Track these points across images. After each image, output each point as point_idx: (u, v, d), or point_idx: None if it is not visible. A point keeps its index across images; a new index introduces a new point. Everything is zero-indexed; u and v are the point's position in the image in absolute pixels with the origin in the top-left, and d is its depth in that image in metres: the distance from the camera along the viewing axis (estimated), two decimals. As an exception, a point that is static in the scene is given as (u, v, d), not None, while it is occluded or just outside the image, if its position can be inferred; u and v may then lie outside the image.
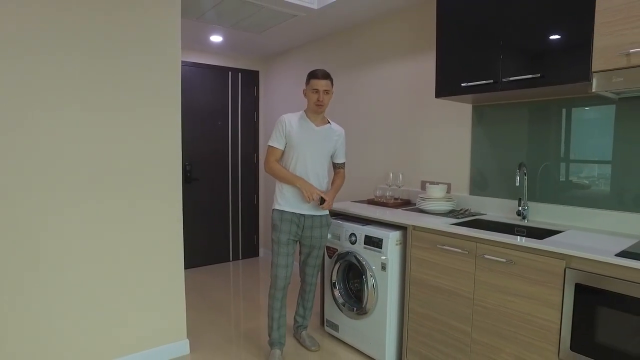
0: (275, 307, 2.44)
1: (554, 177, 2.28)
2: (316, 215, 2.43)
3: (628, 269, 1.50)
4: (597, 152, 2.10)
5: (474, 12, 2.19)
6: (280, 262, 2.37)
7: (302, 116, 2.43)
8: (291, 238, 2.39)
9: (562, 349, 1.70)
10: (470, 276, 2.01)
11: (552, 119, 2.26)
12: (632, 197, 1.99)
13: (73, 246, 2.15)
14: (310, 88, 2.36)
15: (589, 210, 2.13)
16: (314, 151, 2.38)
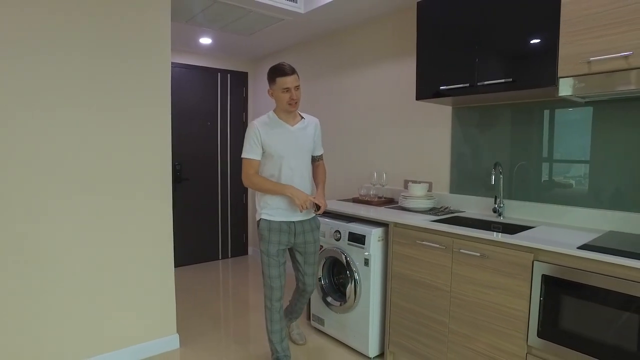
0: (274, 319, 2.29)
1: (528, 176, 2.40)
2: (305, 220, 2.33)
3: (588, 261, 1.62)
4: (569, 152, 2.22)
5: (452, 19, 2.30)
6: (273, 274, 2.24)
7: (272, 118, 2.25)
8: (281, 248, 2.25)
9: (530, 336, 1.81)
10: (447, 270, 2.12)
11: (527, 121, 2.38)
12: (600, 195, 2.12)
13: (66, 244, 2.22)
14: (280, 87, 2.14)
15: (561, 208, 2.25)
16: (296, 154, 2.24)
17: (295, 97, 2.16)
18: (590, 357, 1.62)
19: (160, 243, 2.55)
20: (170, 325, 2.63)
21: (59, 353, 2.23)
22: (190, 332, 2.89)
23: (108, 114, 2.32)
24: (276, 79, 2.14)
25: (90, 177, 2.28)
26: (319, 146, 2.44)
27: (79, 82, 2.21)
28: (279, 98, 2.18)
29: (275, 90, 2.17)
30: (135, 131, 2.41)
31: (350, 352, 2.60)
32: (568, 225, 2.20)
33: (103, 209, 2.33)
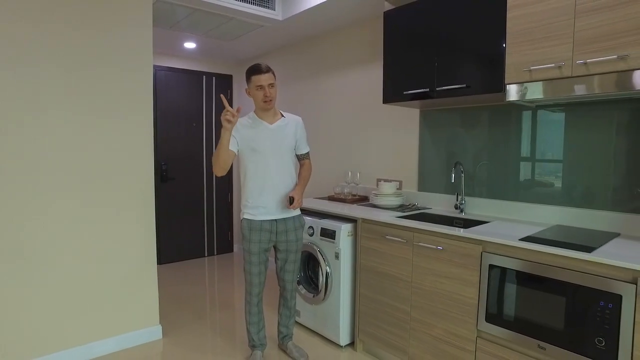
0: (252, 312, 2.39)
1: (489, 175, 2.57)
2: (289, 218, 2.36)
3: (526, 251, 1.79)
4: (524, 152, 2.40)
5: (414, 29, 2.47)
6: (253, 271, 2.32)
7: (253, 118, 2.31)
8: (263, 247, 2.30)
9: (479, 321, 1.98)
10: (409, 262, 2.28)
11: (487, 123, 2.56)
12: (551, 192, 2.29)
13: (53, 239, 2.36)
14: (254, 85, 2.21)
15: (517, 204, 2.42)
16: (275, 152, 2.28)
17: (269, 94, 2.20)
18: (529, 337, 1.79)
19: (144, 238, 2.69)
20: (153, 316, 2.78)
21: (46, 341, 2.37)
22: (173, 323, 3.03)
23: (93, 118, 2.45)
24: (251, 77, 2.21)
25: (76, 177, 2.41)
26: (304, 144, 2.44)
27: (66, 88, 2.35)
28: (254, 96, 2.24)
29: (251, 88, 2.24)
30: (119, 133, 2.55)
31: (324, 341, 2.76)
32: (522, 220, 2.37)
33: (89, 206, 2.47)
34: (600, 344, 1.57)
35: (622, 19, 1.63)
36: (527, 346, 1.80)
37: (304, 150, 2.46)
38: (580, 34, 1.75)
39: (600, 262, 1.56)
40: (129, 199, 2.62)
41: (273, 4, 3.20)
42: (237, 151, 2.28)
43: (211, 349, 2.66)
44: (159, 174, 4.44)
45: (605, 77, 1.69)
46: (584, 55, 1.74)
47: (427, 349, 2.21)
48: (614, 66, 1.65)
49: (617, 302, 1.53)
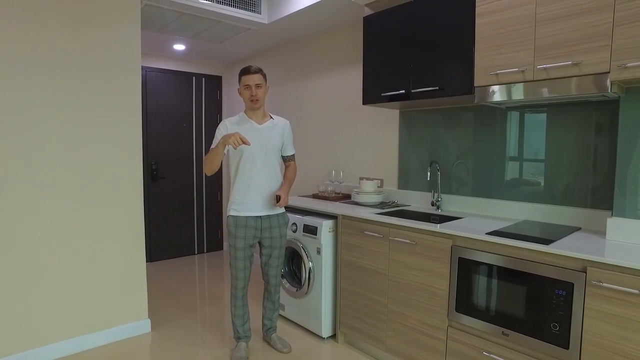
0: (237, 305, 2.49)
1: (465, 173, 2.68)
2: (273, 215, 2.45)
3: (492, 244, 1.90)
4: (499, 152, 2.52)
5: (392, 33, 2.58)
6: (239, 266, 2.41)
7: (242, 117, 2.42)
8: (248, 243, 2.39)
9: (450, 311, 2.09)
10: (385, 256, 2.39)
11: (462, 124, 2.67)
12: (522, 189, 2.41)
13: (44, 236, 2.44)
14: (243, 84, 2.34)
15: (491, 201, 2.54)
16: (261, 151, 2.37)
17: (255, 94, 2.31)
18: (494, 325, 1.91)
19: (133, 235, 2.78)
20: (142, 310, 2.87)
21: (37, 334, 2.46)
22: (162, 318, 3.12)
23: (82, 119, 2.54)
24: (241, 77, 2.36)
25: (66, 177, 2.50)
26: (290, 146, 2.54)
27: (56, 90, 2.43)
28: (243, 95, 2.37)
29: (240, 87, 2.38)
30: (108, 134, 2.64)
31: (307, 334, 2.86)
32: (494, 216, 2.49)
33: (79, 205, 2.55)
34: (555, 329, 1.69)
35: (576, 29, 1.75)
36: (493, 333, 1.92)
37: (289, 152, 2.55)
38: (540, 41, 1.87)
39: (555, 253, 1.67)
40: (118, 197, 2.71)
41: (259, 8, 3.30)
42: (227, 151, 2.35)
43: (198, 342, 2.76)
44: (149, 173, 4.52)
45: (563, 81, 1.81)
46: (544, 61, 1.86)
47: (402, 338, 2.33)
48: (569, 71, 1.77)
49: (569, 290, 1.64)
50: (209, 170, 2.33)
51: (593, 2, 1.70)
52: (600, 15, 1.68)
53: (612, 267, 1.53)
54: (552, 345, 1.71)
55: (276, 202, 2.37)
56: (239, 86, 2.40)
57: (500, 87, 2.03)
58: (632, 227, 1.78)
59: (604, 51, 1.67)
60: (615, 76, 1.64)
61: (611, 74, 1.65)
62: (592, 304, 1.58)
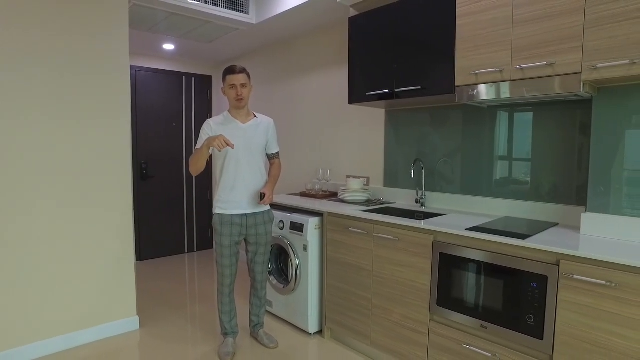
0: (224, 302, 2.53)
1: (448, 171, 2.74)
2: (258, 213, 2.49)
3: (471, 239, 1.96)
4: (482, 150, 2.57)
5: (376, 34, 2.63)
6: (225, 263, 2.45)
7: (226, 116, 2.44)
8: (234, 240, 2.43)
9: (432, 305, 2.14)
10: (369, 252, 2.44)
11: (446, 122, 2.72)
12: (503, 186, 2.47)
13: (34, 235, 2.46)
14: (228, 84, 2.37)
15: (473, 198, 2.59)
16: (246, 150, 2.40)
17: (240, 93, 2.35)
18: (473, 318, 1.96)
19: (122, 233, 2.80)
20: (130, 307, 2.89)
21: (25, 331, 2.47)
22: (151, 315, 3.15)
23: (71, 119, 2.56)
24: (226, 76, 2.38)
25: (55, 176, 2.52)
26: (274, 144, 2.57)
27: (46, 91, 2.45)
28: (227, 94, 2.40)
29: (225, 87, 2.40)
30: (97, 133, 2.66)
31: (295, 330, 2.90)
32: (476, 212, 2.55)
33: (68, 203, 2.57)
34: (530, 321, 1.75)
35: (550, 30, 1.81)
36: (472, 326, 1.97)
37: (274, 150, 2.59)
38: (517, 42, 1.93)
39: (530, 247, 1.73)
40: (107, 196, 2.73)
41: (247, 9, 3.34)
42: (212, 150, 2.37)
43: (186, 339, 2.78)
44: (139, 172, 4.54)
45: (538, 81, 1.86)
46: (520, 61, 1.92)
47: (386, 333, 2.37)
48: (544, 71, 1.83)
49: (543, 283, 1.70)
50: (194, 170, 2.36)
51: (566, 5, 1.76)
52: (572, 18, 1.74)
53: (582, 259, 1.59)
54: (528, 337, 1.76)
55: (260, 199, 2.40)
56: (222, 86, 2.44)
57: (479, 86, 2.09)
58: (605, 222, 1.85)
59: (576, 52, 1.73)
60: (587, 76, 1.70)
61: (583, 74, 1.71)
62: (565, 295, 1.64)
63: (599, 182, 1.88)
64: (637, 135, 1.77)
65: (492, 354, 1.89)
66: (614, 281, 1.52)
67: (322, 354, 2.59)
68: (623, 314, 1.51)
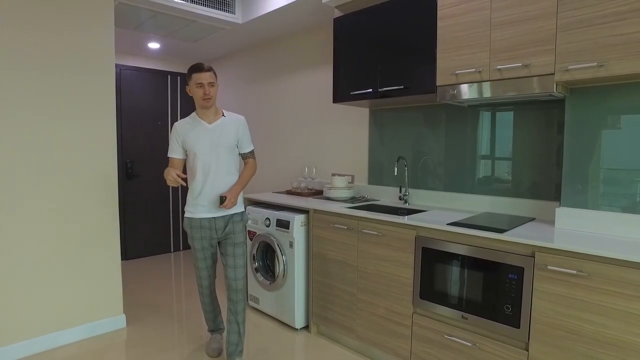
0: (206, 302, 2.51)
1: (430, 169, 2.82)
2: (227, 215, 2.35)
3: (452, 233, 2.03)
4: (462, 147, 2.66)
5: (360, 34, 2.69)
6: (200, 265, 2.41)
7: (194, 118, 2.33)
8: (205, 243, 2.35)
9: (415, 298, 2.21)
10: (354, 248, 2.50)
11: (428, 121, 2.80)
12: (483, 183, 2.56)
13: (19, 234, 2.45)
14: (194, 83, 2.22)
15: (454, 194, 2.68)
16: (213, 151, 2.27)
17: (208, 92, 2.21)
18: (454, 310, 2.04)
19: (108, 232, 2.81)
20: (117, 306, 2.90)
21: (13, 331, 2.46)
22: (137, 313, 3.15)
23: (56, 118, 2.55)
24: (192, 74, 2.23)
25: (41, 176, 2.51)
26: (247, 143, 2.42)
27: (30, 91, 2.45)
28: (194, 93, 2.25)
29: (191, 86, 2.25)
30: (82, 132, 2.66)
31: (282, 325, 2.95)
32: (457, 208, 2.63)
33: (54, 203, 2.56)
34: (507, 310, 1.83)
35: (526, 33, 1.89)
36: (454, 317, 2.05)
37: (247, 149, 2.43)
38: (495, 44, 2.01)
39: (507, 240, 1.81)
40: (93, 196, 2.73)
41: (233, 8, 3.37)
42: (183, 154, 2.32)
43: (173, 336, 2.80)
44: (124, 171, 4.52)
45: (515, 81, 1.95)
46: (498, 62, 2.00)
47: (371, 326, 2.44)
48: (520, 72, 1.92)
49: (520, 274, 1.79)
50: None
51: (540, 9, 1.85)
52: (545, 22, 1.82)
53: (555, 251, 1.68)
54: (506, 326, 1.84)
55: (220, 203, 2.24)
56: (187, 84, 2.29)
57: (460, 86, 2.17)
58: (577, 216, 1.94)
59: (549, 54, 1.81)
60: (559, 77, 1.79)
61: (555, 75, 1.80)
62: (539, 285, 1.73)
63: (572, 177, 1.97)
64: (606, 134, 1.87)
65: (472, 344, 1.97)
66: (584, 271, 1.61)
67: (309, 349, 2.64)
68: (592, 301, 1.60)
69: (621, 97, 1.82)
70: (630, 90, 1.80)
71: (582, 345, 1.63)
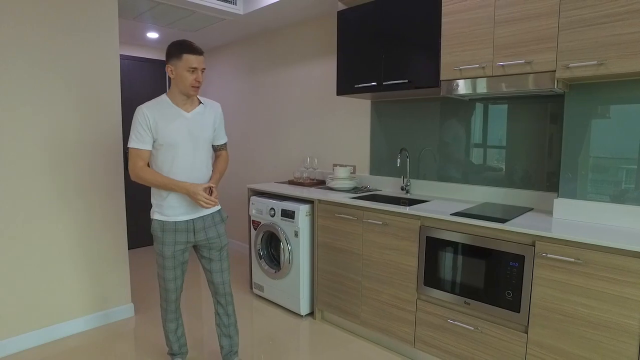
0: (170, 319, 2.16)
1: (431, 159, 2.90)
2: (207, 215, 2.08)
3: (456, 223, 2.12)
4: (462, 139, 2.74)
5: (364, 28, 2.74)
6: (168, 276, 2.05)
7: (166, 103, 1.96)
8: (178, 249, 2.03)
9: (419, 285, 2.31)
10: (359, 237, 2.59)
11: (430, 114, 2.87)
12: (483, 174, 2.65)
13: (28, 224, 2.49)
14: (186, 65, 1.86)
15: (456, 185, 2.76)
16: (192, 144, 1.99)
17: (201, 80, 1.93)
18: (457, 295, 2.14)
19: (115, 221, 2.86)
20: (125, 295, 2.96)
21: (25, 320, 2.52)
22: (144, 302, 3.22)
23: (64, 110, 2.57)
24: (183, 55, 1.86)
25: (50, 166, 2.54)
26: (222, 134, 2.18)
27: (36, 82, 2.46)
28: (181, 78, 1.89)
29: (179, 67, 1.88)
30: (88, 124, 2.69)
31: (286, 312, 3.04)
32: (458, 199, 2.72)
33: (61, 193, 2.60)
34: (508, 296, 1.94)
35: (529, 31, 1.96)
36: (456, 303, 2.15)
37: (222, 141, 2.19)
38: (498, 41, 2.07)
39: (509, 230, 1.91)
40: (100, 185, 2.77)
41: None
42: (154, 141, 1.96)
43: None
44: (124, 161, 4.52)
45: (517, 77, 2.02)
46: (501, 59, 2.07)
47: (375, 312, 2.54)
48: (522, 69, 1.99)
49: (521, 262, 1.89)
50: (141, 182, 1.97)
51: (542, 8, 1.91)
52: (548, 20, 1.89)
53: (554, 240, 1.78)
54: (506, 310, 1.95)
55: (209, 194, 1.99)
56: (170, 64, 1.91)
57: (463, 81, 2.24)
58: (575, 206, 2.04)
59: (551, 52, 1.89)
60: (560, 74, 1.87)
61: (557, 72, 1.88)
62: (539, 272, 1.83)
63: (569, 170, 2.07)
64: (603, 128, 1.96)
65: (474, 327, 2.08)
66: (582, 259, 1.71)
67: (315, 334, 2.74)
68: (589, 286, 1.71)
69: (620, 93, 1.91)
70: (630, 86, 1.88)
71: (578, 327, 1.75)
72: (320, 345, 2.59)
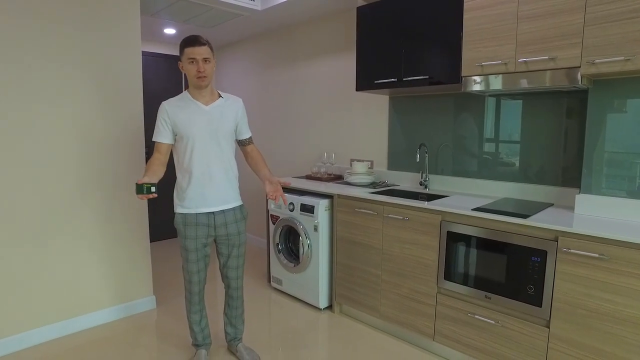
0: (194, 310, 2.25)
1: (450, 155, 2.91)
2: (228, 210, 2.15)
3: (477, 219, 2.14)
4: (481, 134, 2.75)
5: (384, 24, 2.74)
6: (192, 269, 2.15)
7: (186, 98, 2.07)
8: (200, 243, 2.11)
9: (439, 279, 2.34)
10: (379, 232, 2.61)
11: (449, 109, 2.88)
12: (502, 169, 2.66)
13: (52, 218, 2.56)
14: (187, 58, 1.95)
15: (474, 180, 2.78)
16: (212, 137, 2.05)
17: (202, 70, 1.95)
18: (478, 290, 2.16)
19: (137, 215, 2.92)
20: (147, 287, 3.03)
21: (49, 312, 2.60)
22: (166, 294, 3.29)
23: (88, 107, 2.63)
24: (184, 49, 1.97)
25: (75, 161, 2.60)
26: (245, 128, 2.23)
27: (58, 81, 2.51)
28: (187, 71, 1.99)
29: (184, 61, 1.99)
30: (112, 118, 2.74)
31: (305, 305, 3.09)
32: (477, 194, 2.74)
33: (85, 187, 2.66)
34: (530, 291, 1.96)
35: (553, 27, 1.96)
36: (477, 297, 2.18)
37: (246, 135, 2.24)
38: (521, 37, 2.08)
39: (532, 225, 1.92)
40: (121, 179, 2.83)
41: (253, -5, 3.39)
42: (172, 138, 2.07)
43: (203, 315, 2.94)
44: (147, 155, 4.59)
45: (541, 73, 2.03)
46: (524, 55, 2.07)
47: (395, 305, 2.57)
48: (546, 65, 1.99)
49: (543, 257, 1.90)
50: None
51: (567, 3, 1.91)
52: (573, 16, 1.89)
53: (578, 235, 1.79)
54: (528, 305, 1.97)
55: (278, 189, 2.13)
56: (180, 60, 2.02)
57: (484, 77, 2.24)
58: (597, 202, 2.05)
59: (576, 48, 1.89)
60: (585, 70, 1.87)
61: (581, 68, 1.88)
62: (562, 267, 1.85)
63: (592, 166, 2.07)
64: (627, 125, 1.96)
65: (495, 321, 2.11)
66: (606, 254, 1.72)
67: (333, 327, 2.79)
68: (613, 282, 1.72)
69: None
70: (653, 82, 1.88)
71: (601, 322, 1.76)
72: (339, 338, 2.64)
